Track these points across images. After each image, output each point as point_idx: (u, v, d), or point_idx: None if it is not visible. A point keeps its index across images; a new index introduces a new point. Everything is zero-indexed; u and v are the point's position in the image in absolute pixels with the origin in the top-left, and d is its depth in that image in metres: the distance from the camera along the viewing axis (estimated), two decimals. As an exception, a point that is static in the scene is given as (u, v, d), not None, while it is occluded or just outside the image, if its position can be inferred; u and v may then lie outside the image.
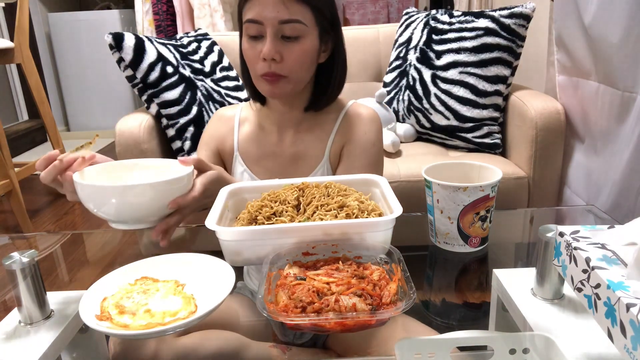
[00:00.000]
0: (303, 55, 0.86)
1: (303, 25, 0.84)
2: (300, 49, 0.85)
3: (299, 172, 0.96)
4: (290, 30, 0.84)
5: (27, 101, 4.03)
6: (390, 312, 0.52)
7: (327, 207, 0.68)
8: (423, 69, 1.84)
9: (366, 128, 0.97)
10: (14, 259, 0.59)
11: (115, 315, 0.57)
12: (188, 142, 1.70)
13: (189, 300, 0.60)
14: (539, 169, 1.60)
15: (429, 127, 1.84)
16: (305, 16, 0.84)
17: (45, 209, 2.68)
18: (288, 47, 0.85)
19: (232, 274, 0.61)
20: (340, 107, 1.00)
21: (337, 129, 0.98)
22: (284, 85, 0.88)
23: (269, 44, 0.83)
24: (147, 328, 0.55)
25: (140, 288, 0.63)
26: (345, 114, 0.99)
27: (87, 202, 0.70)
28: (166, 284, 0.64)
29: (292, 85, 0.89)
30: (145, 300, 0.60)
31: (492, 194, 0.78)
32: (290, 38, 0.84)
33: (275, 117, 0.99)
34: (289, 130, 0.99)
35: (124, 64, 1.68)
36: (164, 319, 0.56)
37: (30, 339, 0.59)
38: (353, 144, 0.96)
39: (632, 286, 0.43)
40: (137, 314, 0.57)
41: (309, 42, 0.86)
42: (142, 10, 3.31)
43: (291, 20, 0.83)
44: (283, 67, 0.85)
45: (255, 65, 0.87)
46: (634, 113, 1.21)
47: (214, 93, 1.87)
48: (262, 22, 0.83)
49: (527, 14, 1.67)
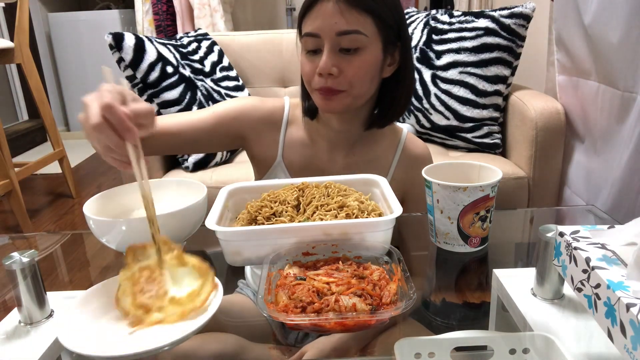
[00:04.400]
0: (363, 68, 0.80)
1: (363, 36, 0.79)
2: (360, 62, 0.80)
3: None
4: (349, 42, 0.79)
5: (27, 101, 4.03)
6: (390, 312, 0.52)
7: (327, 207, 0.68)
8: (423, 68, 1.84)
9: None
10: (14, 259, 0.59)
11: (143, 315, 0.55)
12: (188, 142, 1.70)
13: (199, 268, 0.57)
14: (539, 169, 1.60)
15: (429, 127, 1.84)
16: (365, 26, 0.79)
17: (45, 209, 2.67)
18: (346, 60, 0.80)
19: (219, 286, 0.58)
20: (395, 135, 0.96)
21: (396, 163, 0.95)
22: (341, 100, 0.82)
23: (325, 57, 0.79)
24: (183, 318, 0.54)
25: (143, 275, 0.58)
26: (403, 148, 0.95)
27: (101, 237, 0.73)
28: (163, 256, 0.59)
29: (350, 100, 0.83)
30: (161, 287, 0.57)
31: (492, 194, 0.78)
32: (350, 50, 0.79)
33: (326, 133, 0.93)
34: (341, 151, 0.94)
35: (124, 64, 1.68)
36: (196, 302, 0.55)
37: (30, 339, 0.59)
38: (418, 188, 0.90)
39: (632, 286, 0.43)
40: (165, 306, 0.55)
41: (371, 54, 0.81)
42: (142, 10, 3.31)
43: (350, 31, 0.78)
44: (341, 81, 0.80)
45: (311, 79, 0.83)
46: (634, 113, 1.21)
47: (214, 93, 1.87)
48: (320, 35, 0.79)
49: (527, 14, 1.67)
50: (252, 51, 2.12)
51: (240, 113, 0.93)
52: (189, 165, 1.73)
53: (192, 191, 0.83)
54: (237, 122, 0.93)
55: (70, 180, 2.76)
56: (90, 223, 0.72)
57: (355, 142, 0.94)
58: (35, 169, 2.51)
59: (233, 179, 1.58)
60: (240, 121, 0.93)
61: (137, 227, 0.72)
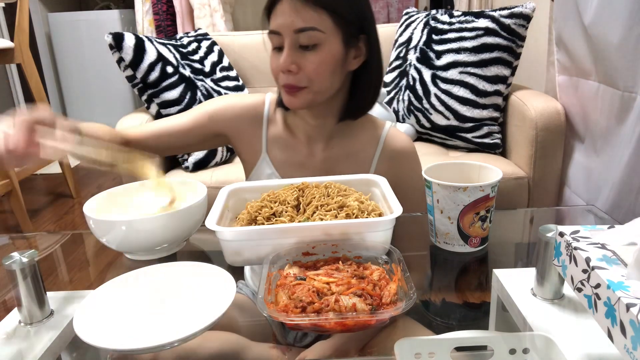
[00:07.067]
0: (322, 64, 0.82)
1: (320, 32, 0.80)
2: (319, 58, 0.82)
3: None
4: (307, 38, 0.81)
5: (27, 101, 4.02)
6: (390, 312, 0.52)
7: (327, 207, 0.68)
8: (423, 69, 1.84)
9: (412, 164, 0.96)
10: (14, 259, 0.59)
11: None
12: (188, 142, 1.70)
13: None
14: (539, 169, 1.60)
15: (429, 127, 1.84)
16: (322, 22, 0.80)
17: (45, 209, 2.67)
18: (305, 56, 0.82)
19: (232, 282, 0.61)
20: (376, 129, 0.96)
21: (378, 157, 0.94)
22: (303, 96, 0.85)
23: (284, 55, 0.82)
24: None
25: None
26: (385, 142, 0.95)
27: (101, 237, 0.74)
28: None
29: (312, 96, 0.85)
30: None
31: (492, 194, 0.78)
32: (308, 47, 0.81)
33: (303, 127, 0.95)
34: (319, 144, 0.95)
35: (124, 64, 1.68)
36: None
37: (30, 339, 0.59)
38: (404, 184, 0.92)
39: (632, 286, 0.43)
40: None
41: (329, 49, 0.82)
42: (142, 10, 3.31)
43: (306, 28, 0.80)
44: (301, 78, 0.83)
45: (277, 76, 0.86)
46: (634, 113, 1.21)
47: (214, 93, 1.87)
48: (280, 33, 0.82)
49: (527, 14, 1.67)
50: (252, 51, 2.12)
51: (215, 112, 0.97)
52: (189, 165, 1.73)
53: (192, 191, 0.83)
54: (213, 122, 0.97)
55: (70, 180, 2.76)
56: (90, 223, 0.72)
57: (333, 135, 0.95)
58: (35, 169, 2.51)
59: (233, 179, 1.58)
60: (216, 121, 0.97)
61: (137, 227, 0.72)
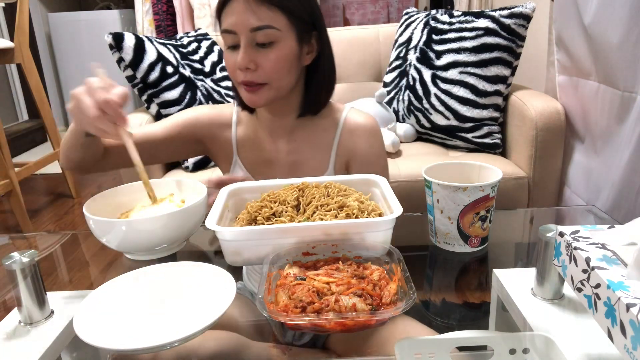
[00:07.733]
0: (279, 61, 0.84)
1: (276, 30, 0.82)
2: (276, 55, 0.83)
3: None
4: (263, 37, 0.82)
5: (27, 101, 4.03)
6: (390, 312, 0.52)
7: (327, 207, 0.68)
8: (423, 69, 1.84)
9: (371, 140, 0.96)
10: (14, 259, 0.59)
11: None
12: (188, 142, 1.70)
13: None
14: (539, 169, 1.60)
15: (429, 127, 1.84)
16: (277, 20, 0.82)
17: (45, 209, 2.68)
18: (262, 54, 0.83)
19: (232, 282, 0.61)
20: (336, 113, 0.98)
21: (338, 139, 0.96)
22: (265, 93, 0.86)
23: (242, 53, 0.83)
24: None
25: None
26: (344, 122, 0.96)
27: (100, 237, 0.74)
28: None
29: (274, 92, 0.87)
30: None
31: (492, 194, 0.78)
32: (265, 45, 0.83)
33: (266, 124, 0.97)
34: (282, 139, 0.97)
35: (124, 64, 1.68)
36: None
37: (30, 339, 0.59)
38: (360, 158, 0.94)
39: (632, 286, 0.43)
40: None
41: (285, 46, 0.84)
42: (142, 10, 3.31)
43: (262, 27, 0.81)
44: (260, 74, 0.84)
45: (234, 73, 0.87)
46: (634, 113, 1.21)
47: (214, 93, 1.87)
48: (235, 32, 0.83)
49: (527, 14, 1.67)
50: (252, 51, 2.12)
51: (187, 123, 0.98)
52: (189, 165, 1.73)
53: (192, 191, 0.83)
54: (185, 131, 0.98)
55: (70, 180, 2.76)
56: (90, 223, 0.72)
57: (294, 128, 0.97)
58: (36, 169, 2.51)
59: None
60: (188, 131, 0.98)
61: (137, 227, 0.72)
